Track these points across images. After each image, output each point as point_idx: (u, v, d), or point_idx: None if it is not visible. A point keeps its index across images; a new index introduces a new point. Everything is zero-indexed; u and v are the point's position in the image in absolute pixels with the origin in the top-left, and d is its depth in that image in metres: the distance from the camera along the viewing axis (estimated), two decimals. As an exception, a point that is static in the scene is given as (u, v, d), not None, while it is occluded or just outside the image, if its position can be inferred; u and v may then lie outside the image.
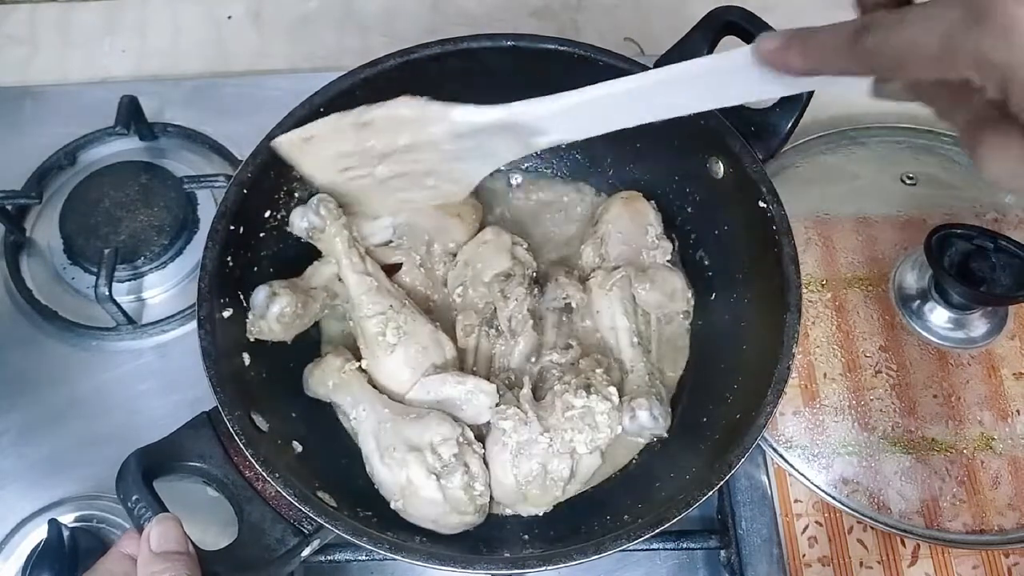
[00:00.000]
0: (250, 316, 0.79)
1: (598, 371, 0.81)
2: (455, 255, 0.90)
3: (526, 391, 0.80)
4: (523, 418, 0.77)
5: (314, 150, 0.74)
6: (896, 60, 0.45)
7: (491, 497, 0.79)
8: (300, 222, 0.81)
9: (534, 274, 0.89)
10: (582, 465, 0.79)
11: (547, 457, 0.77)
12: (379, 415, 0.78)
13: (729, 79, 0.57)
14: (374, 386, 0.82)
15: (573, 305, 0.88)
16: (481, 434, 0.81)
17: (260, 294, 0.79)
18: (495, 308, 0.86)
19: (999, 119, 0.44)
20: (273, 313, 0.79)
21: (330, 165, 0.74)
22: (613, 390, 0.79)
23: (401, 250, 0.89)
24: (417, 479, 0.73)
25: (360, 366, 0.82)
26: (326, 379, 0.82)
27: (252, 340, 0.79)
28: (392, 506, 0.75)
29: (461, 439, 0.76)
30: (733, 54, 0.55)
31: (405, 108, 0.69)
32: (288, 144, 0.74)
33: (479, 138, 0.69)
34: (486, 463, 0.78)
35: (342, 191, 0.78)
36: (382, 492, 0.76)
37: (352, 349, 0.85)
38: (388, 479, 0.75)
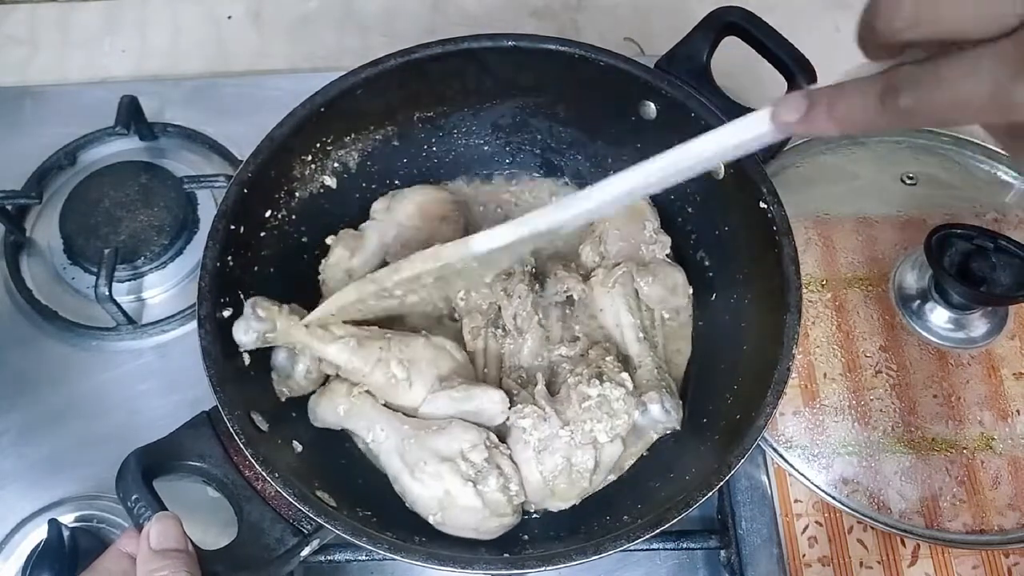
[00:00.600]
0: (274, 378, 0.80)
1: (608, 359, 0.81)
2: None
3: (540, 387, 0.81)
4: (541, 414, 0.78)
5: (342, 316, 0.79)
6: (938, 116, 0.44)
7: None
8: (246, 335, 0.76)
9: (533, 270, 0.88)
10: (604, 454, 0.78)
11: (570, 450, 0.77)
12: (400, 432, 0.77)
13: (743, 147, 0.56)
14: (386, 405, 0.81)
15: (575, 297, 0.88)
16: (502, 434, 0.81)
17: (280, 356, 0.80)
18: (499, 308, 0.86)
19: None
20: (300, 372, 0.80)
21: (360, 309, 0.79)
22: (625, 376, 0.80)
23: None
24: (455, 489, 0.73)
25: (367, 390, 0.80)
26: (335, 407, 0.80)
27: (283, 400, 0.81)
28: (431, 521, 0.75)
29: (488, 442, 0.76)
30: (750, 123, 0.54)
31: (420, 264, 0.72)
32: (322, 319, 0.78)
33: (501, 250, 0.71)
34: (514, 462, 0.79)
35: (375, 316, 0.81)
36: (416, 509, 0.76)
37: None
38: (423, 495, 0.75)
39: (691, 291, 0.89)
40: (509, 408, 0.79)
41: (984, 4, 0.42)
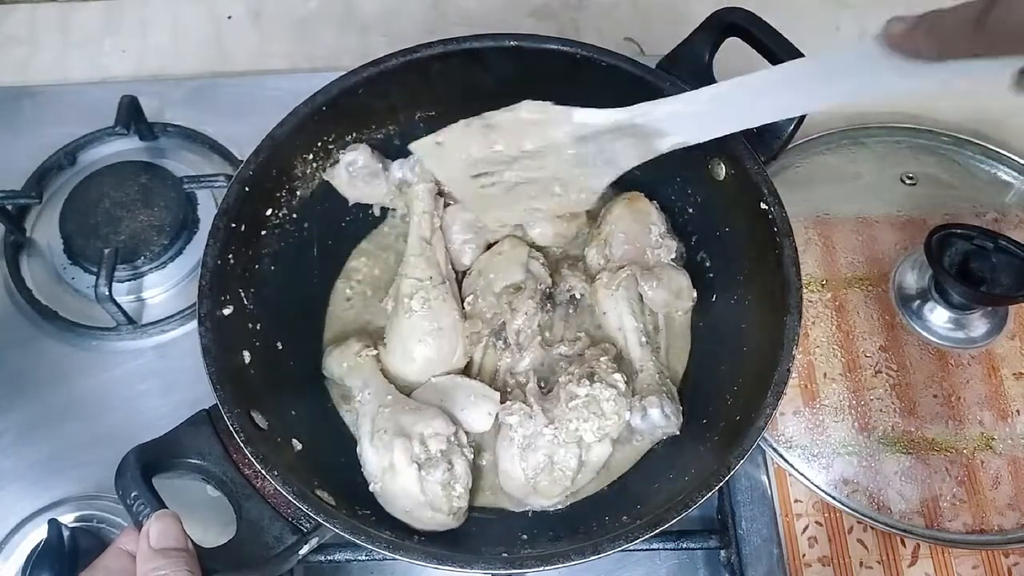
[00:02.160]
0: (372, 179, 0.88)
1: (603, 359, 0.81)
2: None
3: (531, 385, 0.82)
4: (528, 412, 0.78)
5: (447, 155, 0.78)
6: (1020, 34, 0.44)
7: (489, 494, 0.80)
8: (396, 172, 0.88)
9: (548, 290, 0.89)
10: (592, 454, 0.79)
11: (552, 448, 0.77)
12: (381, 400, 0.79)
13: (855, 72, 0.56)
14: (386, 376, 0.83)
15: (578, 296, 0.88)
16: (479, 443, 0.82)
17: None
18: (503, 322, 0.86)
19: None
20: (345, 160, 0.87)
21: (463, 171, 0.78)
22: (618, 377, 0.80)
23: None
24: (399, 464, 0.74)
25: (376, 354, 0.84)
26: (342, 360, 0.84)
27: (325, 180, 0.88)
28: (371, 488, 0.76)
29: (453, 439, 0.77)
30: (863, 44, 0.54)
31: (527, 112, 0.72)
32: (422, 149, 0.77)
33: (601, 142, 0.70)
34: (476, 468, 0.80)
35: (475, 199, 0.81)
36: (365, 473, 0.77)
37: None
38: (372, 460, 0.76)
39: (695, 295, 0.89)
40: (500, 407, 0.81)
41: None
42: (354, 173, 0.88)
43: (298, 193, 0.86)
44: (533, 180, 0.77)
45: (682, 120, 0.65)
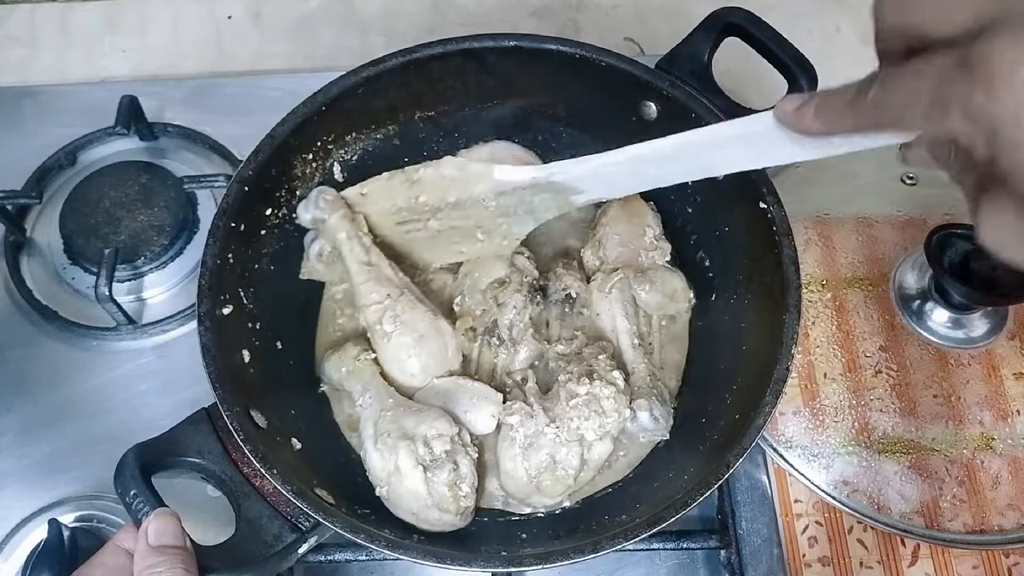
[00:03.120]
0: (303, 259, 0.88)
1: (601, 357, 0.82)
2: None
3: (531, 384, 0.82)
4: (529, 411, 0.78)
5: (372, 204, 0.82)
6: (894, 114, 0.45)
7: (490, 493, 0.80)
8: (304, 214, 0.84)
9: (535, 282, 0.88)
10: (594, 452, 0.79)
11: (555, 447, 0.77)
12: (383, 403, 0.79)
13: (758, 141, 0.58)
14: (385, 379, 0.83)
15: (573, 295, 0.88)
16: (482, 441, 0.81)
17: (308, 236, 0.87)
18: (496, 318, 0.86)
19: (995, 184, 0.43)
20: (313, 252, 0.86)
21: (388, 218, 0.83)
22: (617, 374, 0.80)
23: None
24: (404, 467, 0.74)
25: (375, 358, 0.83)
26: (341, 365, 0.83)
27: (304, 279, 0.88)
28: (377, 492, 0.76)
29: (456, 439, 0.77)
30: (760, 117, 0.57)
31: (449, 169, 0.76)
32: (350, 197, 0.82)
33: (520, 196, 0.74)
34: (481, 467, 0.79)
35: (400, 243, 0.85)
36: (370, 477, 0.77)
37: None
38: (377, 464, 0.76)
39: (692, 295, 0.89)
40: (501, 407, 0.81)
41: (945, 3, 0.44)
42: (326, 260, 0.87)
43: (298, 193, 0.86)
44: (456, 228, 0.81)
45: (595, 179, 0.69)
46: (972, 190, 0.47)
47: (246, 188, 0.79)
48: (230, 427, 0.69)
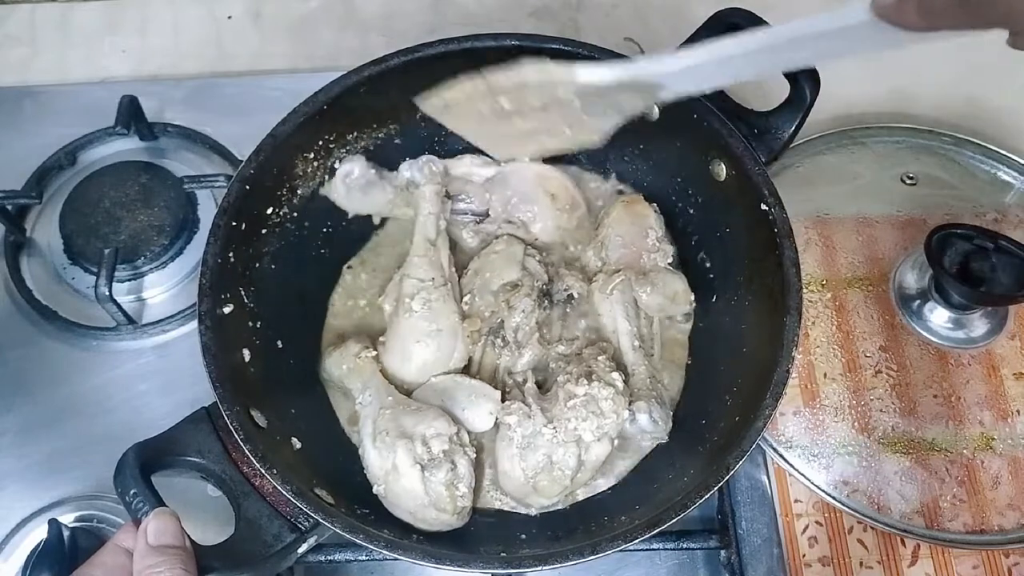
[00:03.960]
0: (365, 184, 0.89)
1: (600, 358, 0.82)
2: None
3: (530, 385, 0.82)
4: (527, 412, 0.78)
5: (455, 111, 0.79)
6: (1008, 9, 0.45)
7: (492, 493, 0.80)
8: (404, 172, 0.88)
9: (544, 287, 0.88)
10: (591, 453, 0.79)
11: (552, 448, 0.77)
12: (382, 401, 0.79)
13: (848, 34, 0.57)
14: (385, 376, 0.83)
15: (575, 296, 0.88)
16: (480, 442, 0.82)
17: (344, 162, 0.89)
18: (501, 320, 0.86)
19: None
20: (342, 173, 0.87)
21: (473, 121, 0.79)
22: (616, 375, 0.80)
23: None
24: (402, 466, 0.74)
25: (375, 355, 0.84)
26: (342, 362, 0.84)
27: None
28: (374, 490, 0.76)
29: (455, 438, 0.77)
30: (851, 10, 0.55)
31: (530, 72, 0.72)
32: (430, 108, 0.78)
33: (605, 94, 0.71)
34: (479, 467, 0.80)
35: (490, 142, 0.83)
36: (368, 475, 0.77)
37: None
38: (375, 462, 0.76)
39: (693, 298, 0.89)
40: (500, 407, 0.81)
41: None
42: (351, 184, 0.89)
43: (299, 192, 0.86)
44: (542, 125, 0.78)
45: (682, 76, 0.67)
46: None
47: (247, 187, 0.79)
48: (230, 426, 0.69)
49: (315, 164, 0.87)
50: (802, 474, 0.88)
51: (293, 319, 0.87)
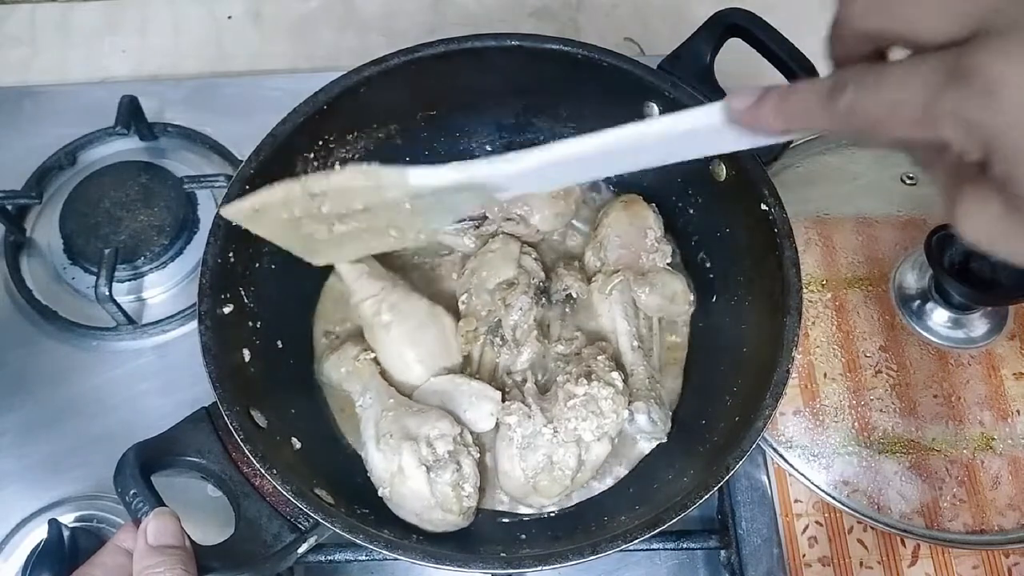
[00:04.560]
0: None
1: (600, 358, 0.82)
2: None
3: (529, 385, 0.82)
4: (527, 412, 0.78)
5: (266, 218, 0.71)
6: (874, 121, 0.42)
7: (494, 494, 0.80)
8: None
9: (542, 284, 0.89)
10: (592, 453, 0.79)
11: (552, 448, 0.77)
12: (383, 404, 0.79)
13: (704, 135, 0.55)
14: (385, 379, 0.83)
15: (574, 295, 0.88)
16: (482, 441, 0.82)
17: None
18: (500, 318, 0.86)
19: (978, 176, 0.41)
20: None
21: (285, 228, 0.71)
22: (616, 375, 0.80)
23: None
24: (408, 468, 0.74)
25: (374, 357, 0.84)
26: (340, 365, 0.84)
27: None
28: (379, 493, 0.76)
29: (459, 439, 0.77)
30: (707, 110, 0.53)
31: (356, 178, 0.66)
32: (236, 214, 0.70)
33: (439, 195, 0.66)
34: (482, 467, 0.79)
35: (304, 248, 0.74)
36: (372, 479, 0.77)
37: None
38: (379, 465, 0.76)
39: (692, 298, 0.89)
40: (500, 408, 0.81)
41: (932, 3, 0.41)
42: None
43: (299, 192, 0.86)
44: (366, 229, 0.71)
45: (523, 178, 0.63)
46: (949, 182, 0.45)
47: (247, 187, 0.79)
48: (230, 426, 0.69)
49: (315, 164, 0.87)
50: (802, 474, 0.88)
51: (293, 319, 0.87)
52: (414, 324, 0.83)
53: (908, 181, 1.03)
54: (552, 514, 0.82)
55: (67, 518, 0.86)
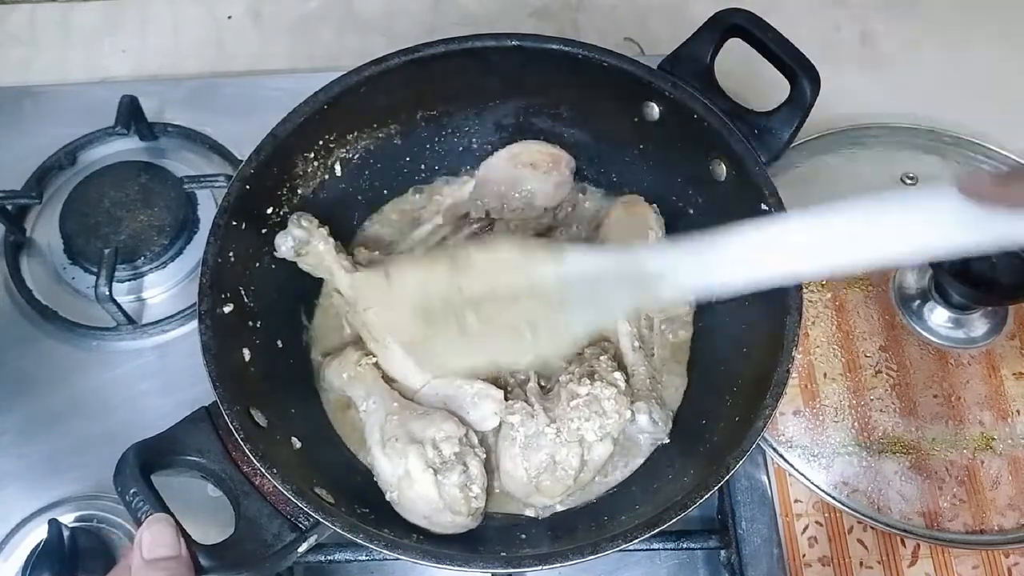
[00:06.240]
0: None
1: (602, 358, 0.81)
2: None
3: (532, 384, 0.81)
4: (529, 411, 0.78)
5: (394, 292, 0.67)
6: None
7: (495, 495, 0.80)
8: (285, 241, 0.82)
9: None
10: (594, 453, 0.79)
11: (555, 447, 0.77)
12: (388, 408, 0.79)
13: (927, 222, 0.50)
14: (387, 383, 0.83)
15: None
16: (487, 441, 0.81)
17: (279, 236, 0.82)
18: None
19: None
20: (285, 247, 0.82)
21: (410, 313, 0.67)
22: (618, 375, 0.80)
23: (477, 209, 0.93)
24: (415, 471, 0.74)
25: (376, 361, 0.83)
26: (342, 371, 0.83)
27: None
28: (387, 497, 0.76)
29: (464, 440, 0.77)
30: (931, 192, 0.48)
31: (507, 250, 0.64)
32: (365, 279, 0.69)
33: (592, 284, 0.62)
34: (488, 467, 0.79)
35: (419, 347, 0.70)
36: (379, 483, 0.77)
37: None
38: (386, 469, 0.76)
39: (692, 298, 0.89)
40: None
41: None
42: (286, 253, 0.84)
43: (299, 191, 0.86)
44: (499, 324, 0.67)
45: (696, 268, 0.57)
46: None
47: (247, 187, 0.79)
48: (230, 426, 0.69)
49: (315, 164, 0.87)
50: (802, 474, 0.88)
51: (293, 319, 0.87)
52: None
53: (908, 181, 1.03)
54: (553, 513, 0.82)
55: (67, 518, 0.86)
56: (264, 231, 0.83)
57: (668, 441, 0.82)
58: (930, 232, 0.50)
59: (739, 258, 0.56)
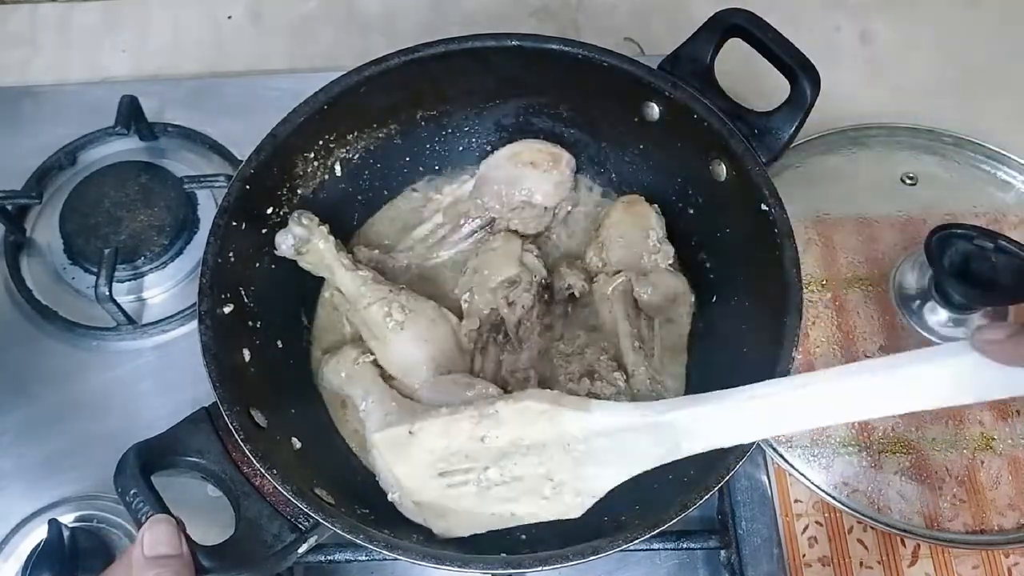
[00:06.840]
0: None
1: (602, 358, 0.81)
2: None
3: (532, 383, 0.81)
4: None
5: (416, 446, 0.67)
6: None
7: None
8: (285, 239, 0.81)
9: (544, 281, 0.88)
10: None
11: None
12: (386, 408, 0.79)
13: (949, 378, 0.51)
14: (386, 381, 0.83)
15: (576, 294, 0.88)
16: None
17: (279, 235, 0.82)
18: (502, 316, 0.86)
19: None
20: (285, 245, 0.82)
21: (429, 467, 0.68)
22: (618, 375, 0.80)
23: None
24: None
25: (374, 359, 0.83)
26: (340, 369, 0.83)
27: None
28: (389, 498, 0.75)
29: None
30: (949, 348, 0.50)
31: (534, 402, 0.63)
32: (387, 440, 0.69)
33: (618, 438, 0.62)
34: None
35: (434, 504, 0.70)
36: (380, 483, 0.76)
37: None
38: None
39: (693, 299, 0.89)
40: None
41: None
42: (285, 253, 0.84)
43: (299, 191, 0.85)
44: (518, 479, 0.67)
45: (726, 424, 0.58)
46: None
47: (247, 187, 0.79)
48: (230, 426, 0.69)
49: (315, 164, 0.87)
50: (802, 474, 0.88)
51: (293, 319, 0.87)
52: (427, 322, 0.83)
53: (908, 181, 1.03)
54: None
55: (67, 518, 0.86)
56: (264, 231, 0.83)
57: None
58: (948, 389, 0.52)
59: (765, 417, 0.58)
